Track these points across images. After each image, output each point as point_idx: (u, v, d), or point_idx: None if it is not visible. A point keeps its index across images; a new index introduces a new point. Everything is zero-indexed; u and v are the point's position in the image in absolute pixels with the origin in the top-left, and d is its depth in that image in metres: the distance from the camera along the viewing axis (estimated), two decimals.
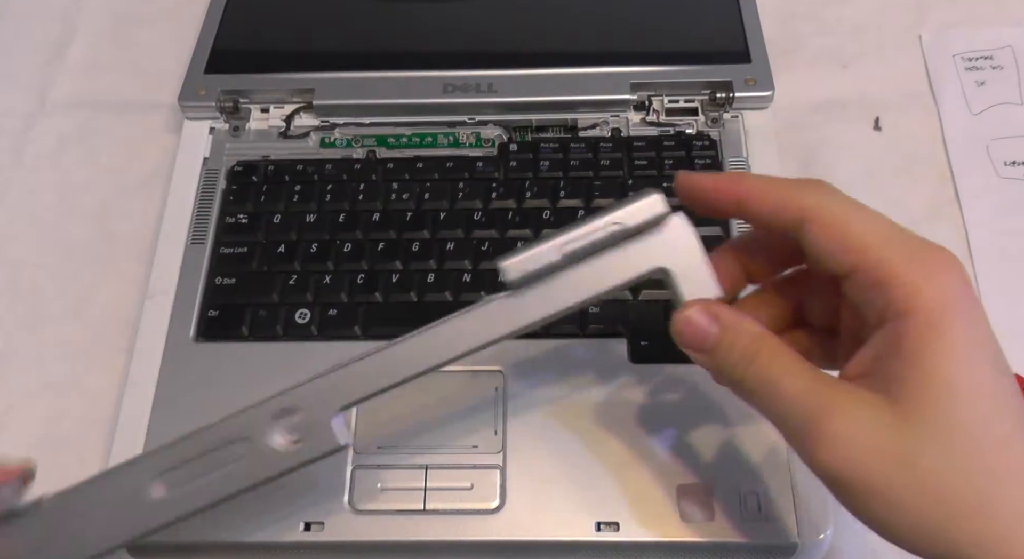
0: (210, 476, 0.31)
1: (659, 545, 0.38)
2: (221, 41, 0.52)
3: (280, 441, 0.31)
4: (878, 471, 0.26)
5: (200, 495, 0.31)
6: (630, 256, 0.31)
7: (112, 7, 0.60)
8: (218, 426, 0.31)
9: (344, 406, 0.31)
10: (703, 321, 0.29)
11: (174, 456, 0.31)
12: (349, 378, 0.31)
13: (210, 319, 0.44)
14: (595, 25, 0.53)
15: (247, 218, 0.47)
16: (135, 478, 0.31)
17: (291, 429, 0.31)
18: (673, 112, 0.49)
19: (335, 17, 0.54)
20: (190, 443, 0.31)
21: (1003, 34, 0.56)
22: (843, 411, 0.26)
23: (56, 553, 0.30)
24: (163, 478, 0.31)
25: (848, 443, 0.26)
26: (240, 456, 0.31)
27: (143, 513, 0.31)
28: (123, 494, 0.31)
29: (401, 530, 0.38)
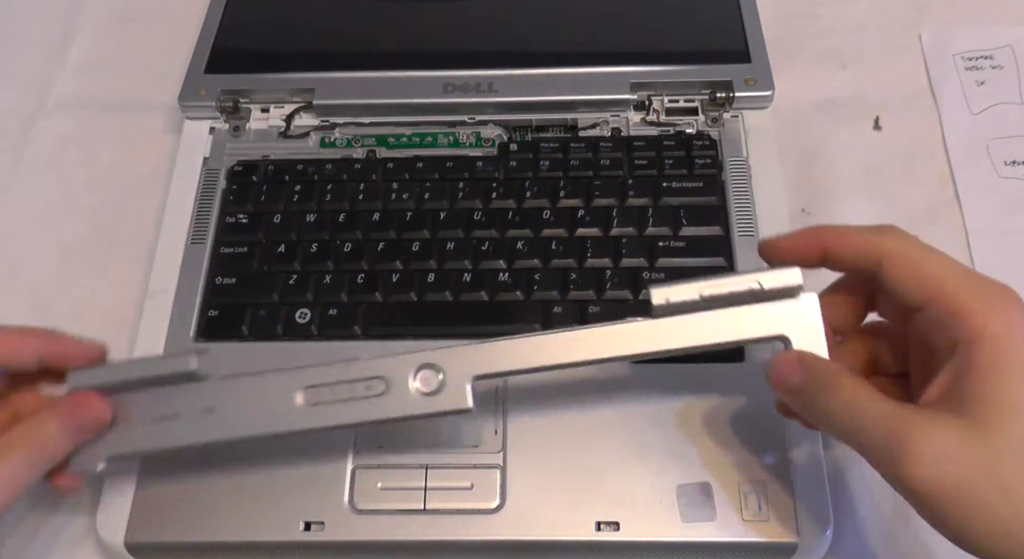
0: (346, 403, 0.35)
1: (659, 545, 0.38)
2: (221, 41, 0.52)
3: (416, 390, 0.34)
4: (963, 480, 0.28)
5: (334, 415, 0.35)
6: (759, 316, 0.34)
7: (112, 7, 0.60)
8: (366, 362, 0.35)
9: (479, 376, 0.35)
10: (790, 362, 0.33)
11: (320, 376, 0.35)
12: (490, 353, 0.35)
13: (210, 319, 0.44)
14: (595, 25, 0.53)
15: (247, 218, 0.47)
16: (284, 384, 0.35)
17: (427, 382, 0.35)
18: (673, 112, 0.49)
19: (335, 17, 0.54)
20: (336, 369, 0.35)
21: (1003, 34, 0.56)
22: (925, 430, 0.29)
23: (211, 426, 0.35)
24: (307, 392, 0.35)
25: (933, 458, 0.28)
26: (377, 393, 0.35)
27: (284, 416, 0.35)
28: (271, 395, 0.35)
29: (401, 530, 0.38)
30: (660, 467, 0.39)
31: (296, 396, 0.35)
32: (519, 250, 0.45)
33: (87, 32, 0.59)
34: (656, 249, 0.45)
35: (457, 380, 0.34)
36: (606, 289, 0.44)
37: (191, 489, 0.39)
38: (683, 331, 0.34)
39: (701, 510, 0.38)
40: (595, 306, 0.43)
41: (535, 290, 0.44)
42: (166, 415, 0.35)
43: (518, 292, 0.44)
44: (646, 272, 0.44)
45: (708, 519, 0.38)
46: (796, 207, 0.49)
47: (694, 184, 0.47)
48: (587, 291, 0.44)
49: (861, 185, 0.50)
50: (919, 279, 0.31)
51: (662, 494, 0.38)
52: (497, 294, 0.44)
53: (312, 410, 0.35)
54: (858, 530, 0.41)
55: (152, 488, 0.40)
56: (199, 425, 0.35)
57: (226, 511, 0.39)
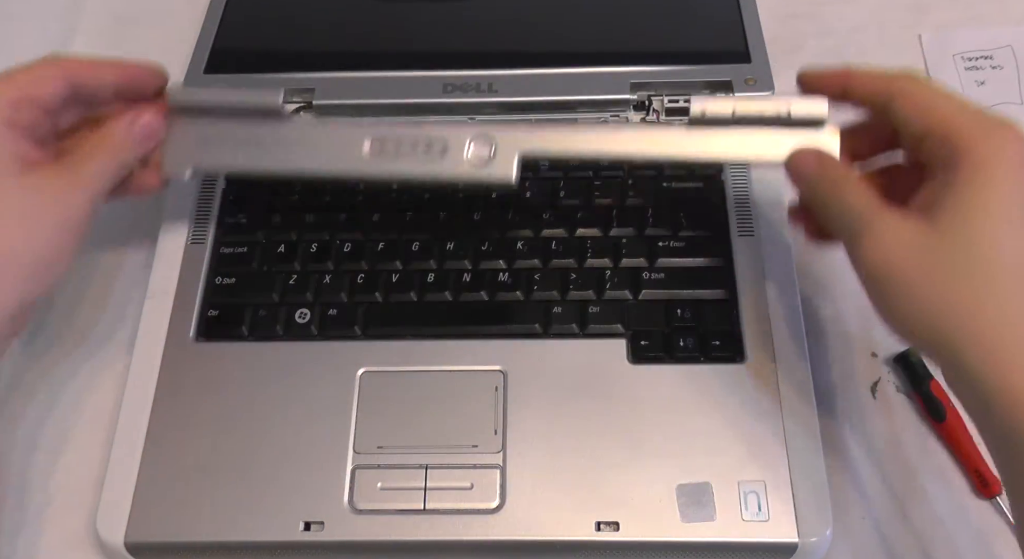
0: (406, 158, 0.39)
1: (659, 545, 0.38)
2: (221, 41, 0.52)
3: (470, 156, 0.38)
4: (905, 263, 0.33)
5: (393, 167, 0.39)
6: (784, 139, 0.37)
7: (112, 7, 0.60)
8: (430, 125, 0.40)
9: (525, 153, 0.39)
10: (811, 153, 0.38)
11: (387, 131, 0.39)
12: (541, 135, 0.39)
13: (210, 319, 0.44)
14: (595, 25, 0.53)
15: (247, 218, 0.47)
16: (354, 132, 0.39)
17: (480, 151, 0.38)
18: (673, 112, 0.49)
19: (335, 17, 0.54)
20: (405, 129, 0.39)
21: (1003, 34, 0.56)
22: (890, 222, 0.33)
23: (287, 158, 0.40)
24: (373, 143, 0.39)
25: (886, 242, 0.33)
26: (436, 153, 0.39)
27: (351, 160, 0.39)
28: (342, 139, 0.39)
29: (401, 530, 0.38)
30: (660, 467, 0.39)
31: (364, 144, 0.39)
32: (519, 250, 0.45)
33: (87, 32, 0.58)
34: (656, 249, 0.45)
35: (506, 154, 0.38)
36: (606, 289, 0.44)
37: (191, 489, 0.39)
38: (713, 141, 0.38)
39: (701, 510, 0.38)
40: (595, 306, 0.43)
41: (535, 290, 0.44)
42: (249, 142, 0.40)
43: (518, 292, 0.44)
44: (646, 272, 0.44)
45: (708, 519, 0.38)
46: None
47: (693, 184, 0.47)
48: (587, 291, 0.44)
49: None
50: (924, 110, 0.34)
51: (662, 494, 0.38)
52: (497, 294, 0.44)
53: (376, 159, 0.39)
54: (858, 530, 0.41)
55: (152, 488, 0.40)
56: (276, 155, 0.40)
57: (226, 511, 0.39)
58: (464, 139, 0.39)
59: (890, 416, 0.44)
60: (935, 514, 0.41)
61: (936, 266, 0.32)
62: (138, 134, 0.40)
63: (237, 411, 0.41)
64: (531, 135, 0.39)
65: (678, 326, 0.43)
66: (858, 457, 0.43)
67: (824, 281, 0.47)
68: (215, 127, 0.41)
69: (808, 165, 0.37)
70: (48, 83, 0.38)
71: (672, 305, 0.43)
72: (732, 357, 0.42)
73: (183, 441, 0.41)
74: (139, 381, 0.42)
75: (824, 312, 0.46)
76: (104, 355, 0.46)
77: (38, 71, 0.38)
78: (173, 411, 0.41)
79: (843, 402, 0.44)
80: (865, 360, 0.45)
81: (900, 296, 0.33)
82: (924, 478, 0.42)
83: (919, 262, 0.32)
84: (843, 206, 0.35)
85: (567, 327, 0.43)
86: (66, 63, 0.39)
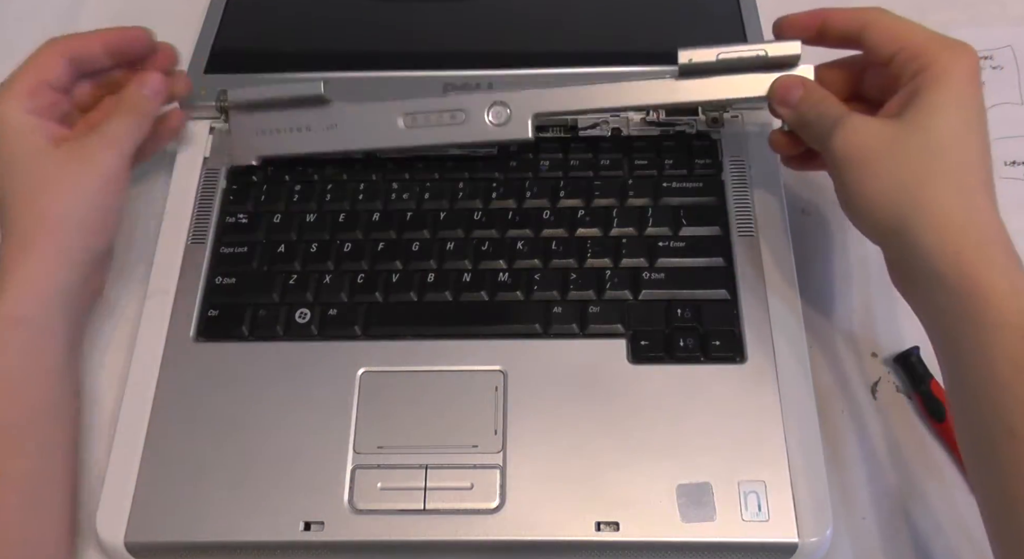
0: (435, 127, 0.45)
1: (659, 545, 0.38)
2: (221, 41, 0.52)
3: (489, 121, 0.45)
4: (872, 149, 0.37)
5: (426, 136, 0.45)
6: (764, 79, 0.42)
7: (112, 7, 0.59)
8: (452, 97, 0.46)
9: (538, 113, 0.45)
10: (795, 80, 0.42)
11: (417, 106, 0.45)
12: (549, 97, 0.44)
13: (210, 319, 0.44)
14: (594, 25, 0.53)
15: (247, 218, 0.47)
16: (390, 110, 0.46)
17: (498, 115, 0.44)
18: (673, 112, 0.49)
19: (335, 17, 0.54)
20: (430, 101, 0.45)
21: (1003, 34, 0.56)
22: (863, 118, 0.38)
23: (334, 138, 0.47)
24: (406, 117, 0.45)
25: (856, 131, 0.38)
26: (460, 122, 0.45)
27: (389, 134, 0.46)
28: (380, 117, 0.46)
29: (401, 530, 0.38)
30: (660, 467, 0.39)
31: (399, 120, 0.45)
32: (519, 250, 0.45)
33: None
34: (656, 249, 0.45)
35: (521, 115, 0.44)
36: (606, 289, 0.44)
37: (191, 489, 0.39)
38: (702, 86, 0.43)
39: (701, 510, 0.38)
40: (595, 306, 0.43)
41: (535, 290, 0.44)
42: (300, 127, 0.47)
43: (518, 292, 0.44)
44: (646, 272, 0.44)
45: (708, 519, 0.38)
46: (795, 207, 0.49)
47: (694, 184, 0.47)
48: (587, 291, 0.44)
49: None
50: (894, 35, 0.39)
51: (662, 494, 0.38)
52: (497, 294, 0.44)
53: (410, 131, 0.45)
54: (858, 530, 0.41)
55: (152, 488, 0.40)
56: (325, 136, 0.46)
57: (226, 511, 0.39)
58: (483, 106, 0.45)
59: (890, 416, 0.44)
60: (935, 514, 0.41)
61: (898, 147, 0.37)
62: (148, 93, 0.45)
63: (237, 411, 0.41)
64: (540, 97, 0.45)
65: (678, 326, 0.43)
66: (858, 457, 0.43)
67: (825, 281, 0.47)
68: (268, 118, 0.47)
69: (791, 86, 0.42)
70: (53, 65, 0.43)
71: (672, 305, 0.43)
72: (732, 357, 0.42)
73: (183, 441, 0.41)
74: (139, 381, 0.42)
75: (824, 312, 0.46)
76: (104, 355, 0.46)
77: (41, 57, 0.43)
78: (173, 411, 0.41)
79: (843, 402, 0.44)
80: (865, 360, 0.45)
81: (866, 176, 0.37)
82: (924, 478, 0.42)
83: (885, 145, 0.37)
84: (821, 114, 0.40)
85: (567, 327, 0.43)
86: (62, 42, 0.44)
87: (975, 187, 0.36)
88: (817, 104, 0.41)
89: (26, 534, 0.37)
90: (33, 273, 0.40)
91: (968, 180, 0.36)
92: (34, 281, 0.40)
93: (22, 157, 0.41)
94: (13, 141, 0.41)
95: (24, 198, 0.41)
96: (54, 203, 0.41)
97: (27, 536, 0.38)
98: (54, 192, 0.41)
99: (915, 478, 0.42)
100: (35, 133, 0.41)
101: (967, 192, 0.36)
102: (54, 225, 0.40)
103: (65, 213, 0.41)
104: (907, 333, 0.46)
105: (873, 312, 0.46)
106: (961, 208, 0.35)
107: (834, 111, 0.40)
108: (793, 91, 0.42)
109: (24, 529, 0.37)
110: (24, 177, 0.41)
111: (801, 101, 0.41)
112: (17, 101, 0.41)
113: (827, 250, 0.48)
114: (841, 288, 0.47)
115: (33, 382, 0.39)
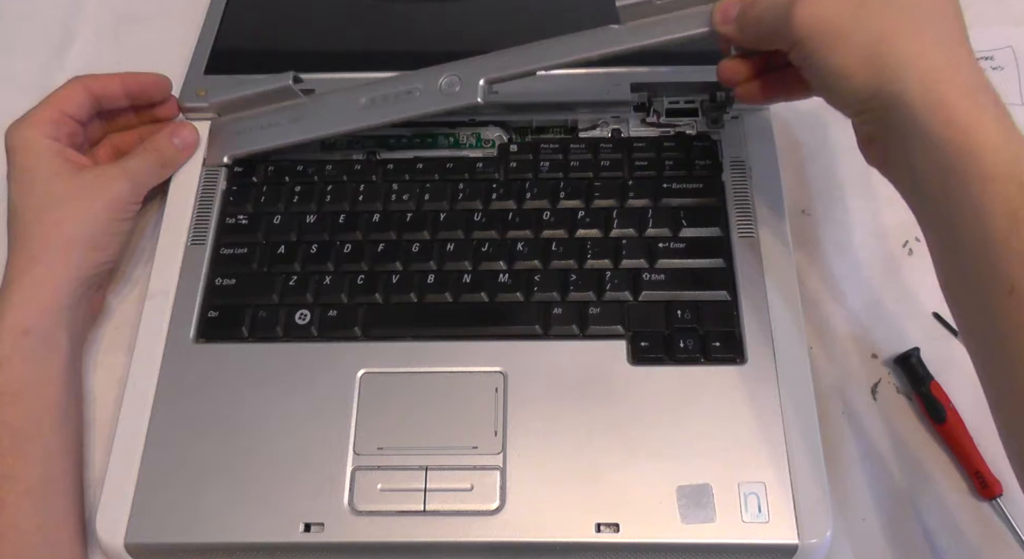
0: (395, 104, 0.47)
1: (659, 546, 0.38)
2: (221, 41, 0.52)
3: (442, 91, 0.46)
4: (834, 18, 0.35)
5: (386, 112, 0.47)
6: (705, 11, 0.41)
7: (112, 7, 0.59)
8: (408, 74, 0.47)
9: (488, 78, 0.45)
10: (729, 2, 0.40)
11: (377, 88, 0.47)
12: (496, 60, 0.45)
13: (210, 320, 0.44)
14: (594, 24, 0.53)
15: (247, 219, 0.47)
16: (352, 95, 0.47)
17: (451, 85, 0.46)
18: (673, 113, 0.49)
19: (335, 17, 0.54)
20: (388, 82, 0.47)
21: (1003, 34, 0.56)
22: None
23: (311, 126, 0.48)
24: (367, 99, 0.47)
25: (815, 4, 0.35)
26: (417, 95, 0.46)
27: (353, 116, 0.47)
28: (343, 102, 0.47)
29: (401, 531, 0.38)
30: (660, 468, 0.39)
31: (360, 102, 0.47)
32: (519, 251, 0.45)
33: (87, 32, 0.58)
34: (656, 250, 0.45)
35: (471, 82, 0.45)
36: (606, 290, 0.44)
37: (191, 490, 0.39)
38: (644, 31, 0.43)
39: (701, 511, 0.38)
40: (595, 307, 0.43)
41: (535, 291, 0.44)
42: (270, 124, 0.48)
43: (518, 293, 0.44)
44: (646, 273, 0.44)
45: (708, 520, 0.38)
46: (796, 208, 0.49)
47: (694, 185, 0.47)
48: (587, 292, 0.44)
49: (860, 185, 0.50)
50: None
51: (662, 495, 0.38)
52: (497, 295, 0.44)
53: (370, 111, 0.47)
54: (858, 532, 0.41)
55: (152, 489, 0.40)
56: (290, 129, 0.48)
57: (226, 512, 0.39)
58: (435, 80, 0.46)
59: (890, 417, 0.44)
60: (935, 515, 0.41)
61: (865, 7, 0.35)
62: (179, 143, 0.48)
63: (237, 412, 0.41)
64: (488, 62, 0.46)
65: (678, 327, 0.43)
66: (858, 458, 0.43)
67: (825, 282, 0.47)
68: (244, 119, 0.49)
69: (732, 7, 0.40)
70: (76, 99, 0.46)
71: (672, 306, 0.43)
72: (733, 358, 0.42)
73: (183, 442, 0.41)
74: (139, 382, 0.42)
75: (825, 313, 0.46)
76: (104, 356, 0.46)
77: (66, 91, 0.46)
78: (173, 412, 0.41)
79: (844, 403, 0.44)
80: (866, 361, 0.45)
81: (837, 44, 0.35)
82: (924, 479, 0.42)
83: (850, 8, 0.35)
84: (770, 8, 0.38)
85: (567, 328, 0.43)
86: (86, 80, 0.46)
87: (954, 38, 0.34)
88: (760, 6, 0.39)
89: (42, 537, 0.38)
90: (41, 286, 0.41)
91: (945, 32, 0.34)
92: (41, 294, 0.41)
93: (42, 177, 0.43)
94: (35, 162, 0.43)
95: (39, 215, 0.43)
96: (66, 222, 0.43)
97: (43, 538, 0.38)
98: (68, 212, 0.43)
99: (915, 479, 0.42)
100: (56, 157, 0.44)
101: (947, 43, 0.34)
102: (64, 243, 0.43)
103: (75, 233, 0.43)
104: (907, 334, 0.46)
105: (873, 313, 0.46)
106: (944, 59, 0.34)
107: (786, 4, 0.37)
108: (732, 8, 0.40)
109: (40, 532, 0.38)
110: (42, 196, 0.43)
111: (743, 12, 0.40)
112: (40, 128, 0.44)
113: (827, 250, 0.48)
114: (841, 289, 0.47)
115: (39, 390, 0.40)
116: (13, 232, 0.43)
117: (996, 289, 0.31)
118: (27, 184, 0.43)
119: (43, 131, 0.44)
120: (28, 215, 0.43)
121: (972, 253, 0.32)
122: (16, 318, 0.40)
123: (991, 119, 0.32)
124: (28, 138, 0.44)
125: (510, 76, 0.45)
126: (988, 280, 0.31)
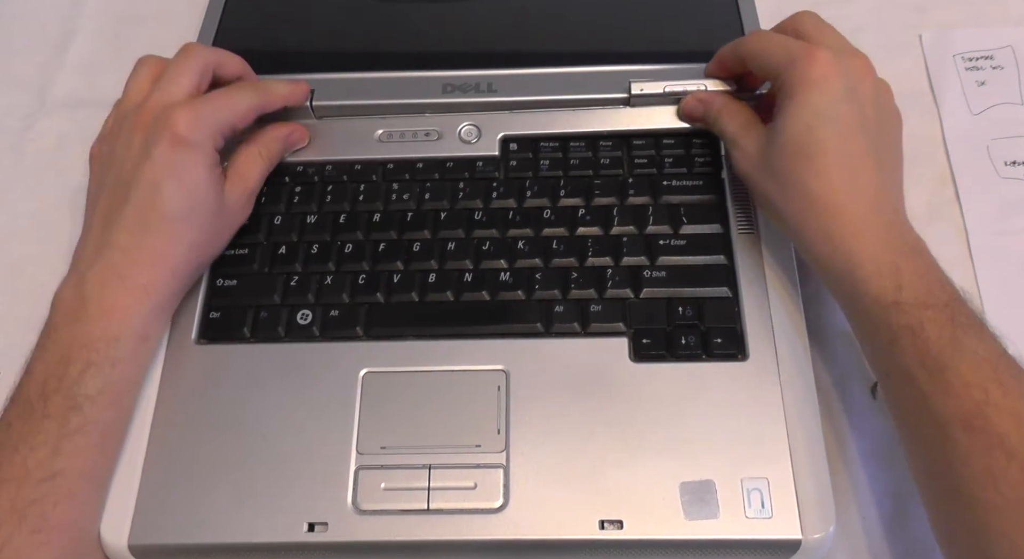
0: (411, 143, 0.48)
1: (663, 543, 0.38)
2: (221, 41, 0.52)
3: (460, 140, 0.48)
4: (757, 172, 0.42)
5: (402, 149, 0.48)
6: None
7: (112, 7, 0.59)
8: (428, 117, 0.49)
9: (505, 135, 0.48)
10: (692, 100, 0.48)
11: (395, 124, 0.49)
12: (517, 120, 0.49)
13: (211, 321, 0.44)
14: (594, 24, 0.53)
15: (247, 219, 0.47)
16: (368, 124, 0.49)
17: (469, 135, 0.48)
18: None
19: (335, 17, 0.54)
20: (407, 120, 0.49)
21: (1003, 34, 0.56)
22: (752, 134, 0.43)
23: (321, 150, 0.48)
24: (383, 133, 0.49)
25: (747, 150, 0.43)
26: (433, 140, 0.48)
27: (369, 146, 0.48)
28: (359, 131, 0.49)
29: (405, 530, 0.38)
30: (663, 465, 0.39)
31: (376, 133, 0.48)
32: (520, 249, 0.45)
33: (87, 32, 0.58)
34: (657, 247, 0.45)
35: (490, 135, 0.48)
36: (607, 288, 0.44)
37: (194, 491, 0.39)
38: (650, 115, 0.48)
39: (704, 508, 0.38)
40: (596, 305, 0.43)
41: (536, 289, 0.44)
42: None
43: (519, 291, 0.44)
44: (647, 270, 0.44)
45: (711, 517, 0.38)
46: None
47: (694, 182, 0.47)
48: (588, 290, 0.44)
49: None
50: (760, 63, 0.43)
51: (665, 492, 0.38)
52: (498, 294, 0.44)
53: (387, 144, 0.48)
54: (861, 528, 0.41)
55: (155, 490, 0.40)
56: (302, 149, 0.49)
57: (229, 513, 0.39)
58: (455, 128, 0.48)
59: (890, 416, 0.44)
60: None
61: (777, 167, 0.41)
62: (290, 145, 0.49)
63: (239, 413, 0.41)
64: (508, 120, 0.48)
65: (680, 324, 0.43)
66: (859, 456, 0.43)
67: None
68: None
69: (696, 108, 0.47)
70: (248, 118, 0.45)
71: (674, 303, 0.43)
72: (734, 355, 0.42)
73: (186, 443, 0.41)
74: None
75: (826, 310, 0.46)
76: None
77: (236, 100, 0.44)
78: (175, 413, 0.41)
79: (844, 401, 0.44)
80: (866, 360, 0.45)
81: (768, 205, 0.42)
82: None
83: (764, 166, 0.42)
84: (722, 133, 0.45)
85: (569, 326, 0.43)
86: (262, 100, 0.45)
87: (854, 170, 0.39)
88: (715, 123, 0.46)
89: (93, 532, 0.39)
90: (163, 293, 0.41)
91: (837, 167, 0.39)
92: (164, 303, 0.42)
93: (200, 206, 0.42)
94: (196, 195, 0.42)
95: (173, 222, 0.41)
96: (205, 245, 0.43)
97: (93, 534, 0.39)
98: (198, 223, 0.42)
99: None
100: (212, 170, 0.42)
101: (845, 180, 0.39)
102: (197, 261, 0.43)
103: (209, 254, 0.44)
104: None
105: None
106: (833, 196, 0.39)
107: (731, 129, 0.44)
108: (695, 110, 0.47)
109: (93, 527, 0.39)
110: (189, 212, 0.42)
111: (703, 118, 0.47)
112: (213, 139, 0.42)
113: None
114: None
115: (135, 392, 0.41)
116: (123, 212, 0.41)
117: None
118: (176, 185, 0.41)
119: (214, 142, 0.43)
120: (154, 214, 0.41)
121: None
122: (137, 323, 0.40)
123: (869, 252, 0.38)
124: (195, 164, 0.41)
125: (526, 136, 0.48)
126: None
